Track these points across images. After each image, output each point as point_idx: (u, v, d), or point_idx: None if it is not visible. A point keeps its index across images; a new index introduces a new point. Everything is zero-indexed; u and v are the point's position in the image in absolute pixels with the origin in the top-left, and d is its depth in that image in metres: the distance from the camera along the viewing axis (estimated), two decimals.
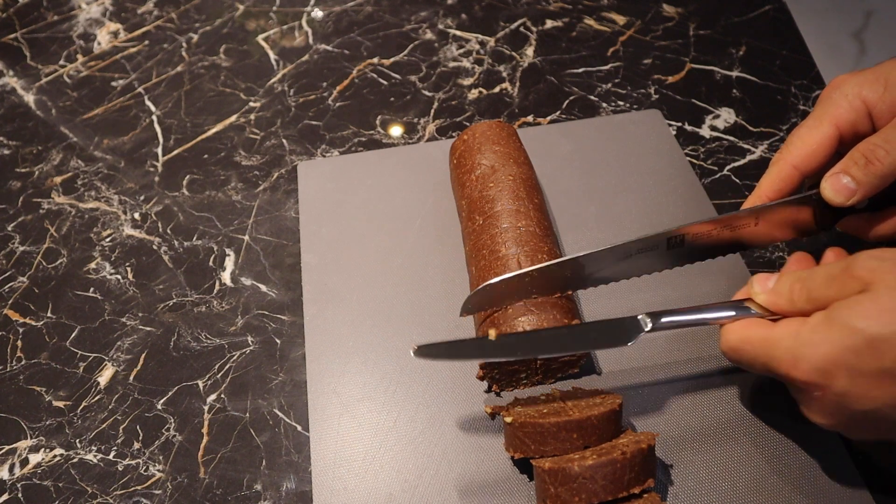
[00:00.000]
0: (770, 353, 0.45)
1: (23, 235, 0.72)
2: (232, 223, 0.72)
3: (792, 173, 0.53)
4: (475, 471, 0.54)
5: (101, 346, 0.63)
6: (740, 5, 0.90)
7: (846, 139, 0.53)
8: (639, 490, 0.46)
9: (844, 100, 0.52)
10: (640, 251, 0.53)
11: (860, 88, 0.52)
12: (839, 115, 0.52)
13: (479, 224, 0.58)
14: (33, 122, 0.83)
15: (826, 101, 0.53)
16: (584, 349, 0.52)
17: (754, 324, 0.47)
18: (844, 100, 0.52)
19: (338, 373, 0.60)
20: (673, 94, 0.81)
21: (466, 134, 0.65)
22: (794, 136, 0.54)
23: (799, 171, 0.53)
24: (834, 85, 0.54)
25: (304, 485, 0.55)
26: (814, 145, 0.53)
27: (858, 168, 0.50)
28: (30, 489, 0.56)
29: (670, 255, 0.54)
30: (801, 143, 0.53)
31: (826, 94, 0.54)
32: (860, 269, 0.42)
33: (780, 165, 0.53)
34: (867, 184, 0.50)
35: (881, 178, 0.49)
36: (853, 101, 0.52)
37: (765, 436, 0.54)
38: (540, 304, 0.53)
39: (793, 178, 0.53)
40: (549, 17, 0.91)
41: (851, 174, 0.50)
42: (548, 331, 0.51)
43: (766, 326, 0.46)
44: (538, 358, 0.53)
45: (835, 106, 0.53)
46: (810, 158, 0.53)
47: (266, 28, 0.92)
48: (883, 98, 0.51)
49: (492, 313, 0.54)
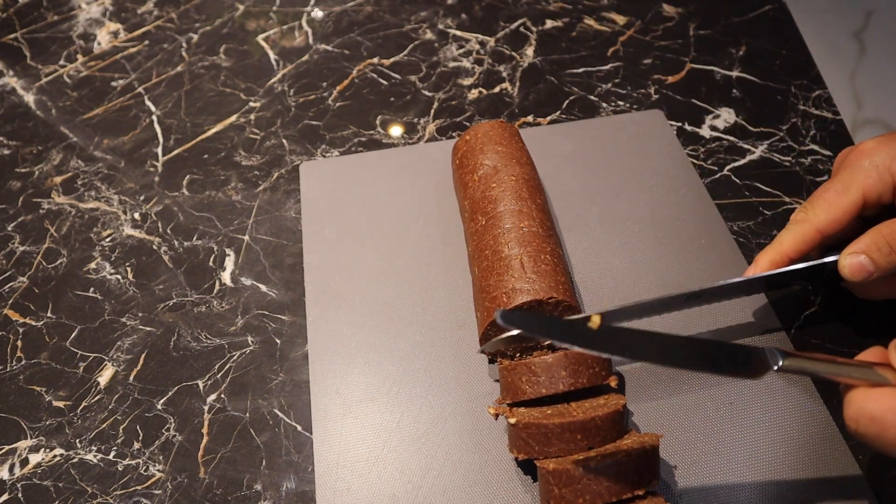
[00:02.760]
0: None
1: (23, 235, 0.72)
2: (232, 223, 0.71)
3: (815, 236, 0.54)
4: (479, 472, 0.53)
5: (101, 346, 0.63)
6: (740, 5, 0.90)
7: (869, 206, 0.54)
8: (643, 491, 0.45)
9: (875, 171, 0.52)
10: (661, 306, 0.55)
11: (892, 162, 0.52)
12: (868, 185, 0.52)
13: (481, 224, 0.58)
14: (33, 122, 0.83)
15: (856, 167, 0.53)
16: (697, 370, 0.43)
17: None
18: (875, 171, 0.52)
19: (340, 373, 0.59)
20: (673, 94, 0.81)
21: (469, 134, 0.65)
22: (820, 199, 0.54)
23: (822, 235, 0.54)
24: (865, 153, 0.54)
25: (304, 485, 0.55)
26: (840, 212, 0.53)
27: (882, 255, 0.50)
28: (30, 489, 0.55)
29: (689, 303, 0.56)
30: (828, 207, 0.53)
31: (856, 160, 0.54)
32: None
33: (806, 227, 0.54)
34: (885, 269, 0.51)
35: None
36: (883, 173, 0.52)
37: (769, 436, 0.54)
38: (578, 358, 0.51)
39: (815, 241, 0.54)
40: (549, 17, 0.91)
41: (873, 258, 0.51)
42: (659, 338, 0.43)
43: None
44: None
45: (865, 175, 0.53)
46: (835, 224, 0.53)
47: (266, 28, 0.92)
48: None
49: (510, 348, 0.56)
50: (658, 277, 0.64)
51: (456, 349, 0.60)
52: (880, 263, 0.50)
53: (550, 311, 0.54)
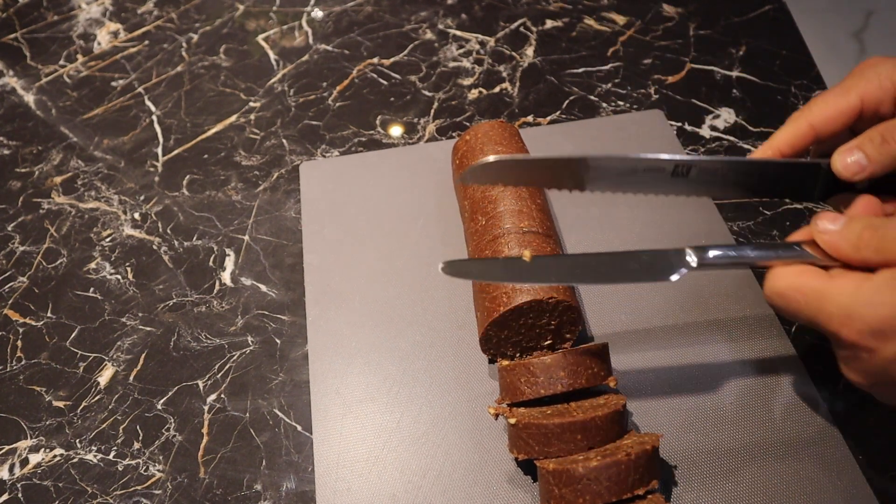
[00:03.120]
0: (821, 306, 0.43)
1: (23, 235, 0.72)
2: (232, 223, 0.71)
3: (808, 132, 0.53)
4: (479, 472, 0.53)
5: (101, 346, 0.63)
6: (740, 5, 0.90)
7: (867, 116, 0.53)
8: (643, 491, 0.45)
9: (876, 78, 0.52)
10: (646, 170, 0.52)
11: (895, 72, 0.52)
12: (868, 90, 0.52)
13: (481, 224, 0.58)
14: (33, 122, 0.83)
15: (858, 75, 0.53)
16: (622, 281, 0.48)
17: (809, 272, 0.45)
18: (876, 78, 0.52)
19: (340, 373, 0.59)
20: (673, 94, 0.81)
21: (469, 134, 0.65)
22: (818, 98, 0.54)
23: (815, 131, 0.53)
24: (870, 63, 0.54)
25: (304, 485, 0.55)
26: (836, 111, 0.52)
27: (873, 146, 0.50)
28: (30, 489, 0.55)
29: (673, 183, 0.53)
30: (825, 105, 0.53)
31: (860, 69, 0.54)
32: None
33: (799, 122, 0.53)
34: (879, 162, 0.50)
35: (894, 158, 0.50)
36: (884, 81, 0.52)
37: (769, 436, 0.54)
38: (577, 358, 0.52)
39: (807, 137, 0.53)
40: (549, 17, 0.91)
41: (865, 151, 0.50)
42: (586, 257, 0.48)
43: (821, 277, 0.44)
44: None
45: (865, 81, 0.52)
46: (829, 122, 0.53)
47: (266, 28, 0.92)
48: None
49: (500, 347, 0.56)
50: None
51: (456, 349, 0.60)
52: (873, 156, 0.50)
53: (550, 311, 0.54)
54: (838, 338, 0.43)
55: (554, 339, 0.57)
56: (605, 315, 0.62)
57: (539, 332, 0.56)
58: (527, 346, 0.57)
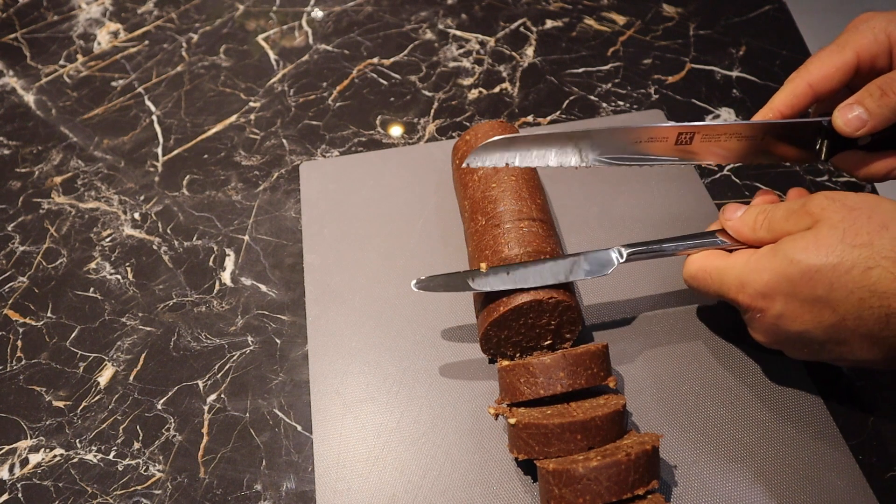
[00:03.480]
0: (722, 278, 0.50)
1: (23, 235, 0.72)
2: (232, 223, 0.71)
3: (806, 91, 0.54)
4: (479, 472, 0.53)
5: (101, 346, 0.63)
6: (740, 5, 0.90)
7: (863, 71, 0.53)
8: (643, 491, 0.45)
9: (871, 32, 0.53)
10: (650, 139, 0.53)
11: (887, 24, 0.53)
12: (863, 44, 0.53)
13: (481, 224, 0.58)
14: (33, 122, 0.83)
15: (852, 30, 0.54)
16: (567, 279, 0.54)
17: (713, 254, 0.52)
18: (871, 32, 0.53)
19: (340, 373, 0.59)
20: (673, 94, 0.81)
21: (469, 134, 0.65)
22: (814, 58, 0.54)
23: (813, 91, 0.54)
24: (863, 18, 0.54)
25: (304, 485, 0.55)
26: (832, 68, 0.53)
27: (873, 100, 0.51)
28: (30, 489, 0.55)
29: (677, 151, 0.55)
30: (821, 63, 0.53)
31: (853, 25, 0.54)
32: (813, 207, 0.47)
33: (797, 82, 0.54)
34: (879, 115, 0.51)
35: (894, 111, 0.50)
36: (878, 34, 0.52)
37: (769, 436, 0.54)
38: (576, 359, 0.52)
39: (806, 96, 0.54)
40: (549, 17, 0.91)
41: (865, 105, 0.51)
42: (533, 263, 0.54)
43: (722, 257, 0.51)
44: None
45: (860, 35, 0.53)
46: (827, 80, 0.53)
47: (266, 28, 0.92)
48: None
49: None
50: (658, 277, 0.64)
51: (456, 349, 0.60)
52: (873, 109, 0.51)
53: (550, 312, 0.54)
54: (738, 303, 0.50)
55: (554, 339, 0.57)
56: (605, 315, 0.62)
57: (539, 332, 0.56)
58: (527, 346, 0.57)
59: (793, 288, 0.46)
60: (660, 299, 0.62)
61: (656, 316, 0.61)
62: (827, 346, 0.47)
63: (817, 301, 0.45)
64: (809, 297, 0.45)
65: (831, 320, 0.45)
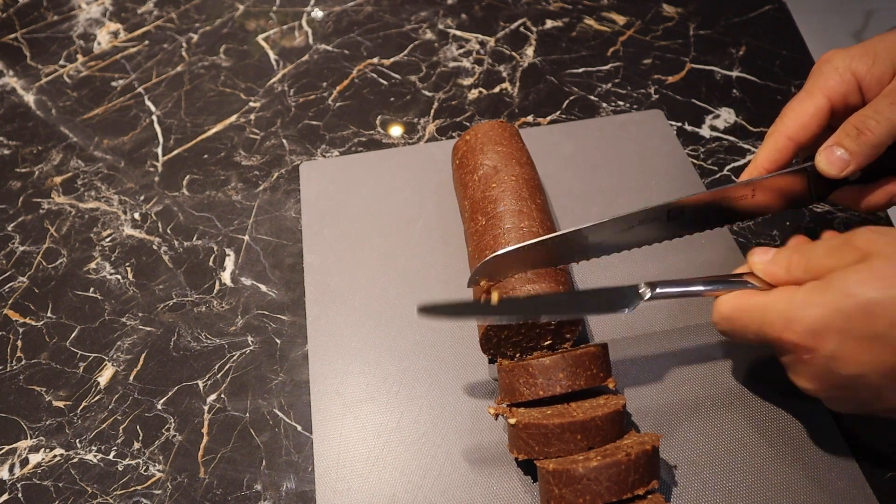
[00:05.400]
0: (764, 316, 0.45)
1: (23, 235, 0.72)
2: (232, 223, 0.71)
3: (787, 144, 0.54)
4: (478, 472, 0.53)
5: (101, 346, 0.63)
6: (740, 5, 0.90)
7: (838, 112, 0.54)
8: (643, 491, 0.45)
9: (835, 73, 0.53)
10: (641, 222, 0.54)
11: (850, 61, 0.53)
12: (830, 87, 0.53)
13: (481, 224, 0.58)
14: (33, 122, 0.83)
15: (817, 74, 0.54)
16: (584, 314, 0.52)
17: (748, 293, 0.48)
18: (835, 73, 0.53)
19: (340, 373, 0.59)
20: (673, 94, 0.81)
21: (469, 134, 0.65)
22: (787, 108, 0.55)
23: (794, 143, 0.54)
24: (824, 59, 0.54)
25: (304, 485, 0.55)
26: (806, 117, 0.53)
27: (851, 139, 0.51)
28: (30, 489, 0.55)
29: (671, 226, 0.55)
30: (795, 114, 0.54)
31: (817, 67, 0.55)
32: (860, 241, 0.44)
33: (776, 137, 0.54)
34: (860, 154, 0.51)
35: (873, 147, 0.50)
36: (843, 73, 0.53)
37: (769, 436, 0.54)
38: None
39: (788, 150, 0.54)
40: (549, 17, 0.91)
41: (844, 146, 0.51)
42: (550, 296, 0.52)
43: (760, 294, 0.47)
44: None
45: (825, 78, 0.53)
46: (804, 129, 0.53)
47: (266, 28, 0.92)
48: (872, 71, 0.52)
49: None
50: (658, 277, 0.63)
51: (456, 349, 0.60)
52: (853, 149, 0.51)
53: None
54: (782, 342, 0.45)
55: (554, 339, 0.57)
56: (605, 315, 0.62)
57: (539, 333, 0.56)
58: (527, 347, 0.57)
59: (849, 324, 0.41)
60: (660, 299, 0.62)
61: (656, 316, 0.61)
62: (883, 392, 0.43)
63: (877, 339, 0.41)
64: (868, 335, 0.41)
65: (892, 361, 0.41)
